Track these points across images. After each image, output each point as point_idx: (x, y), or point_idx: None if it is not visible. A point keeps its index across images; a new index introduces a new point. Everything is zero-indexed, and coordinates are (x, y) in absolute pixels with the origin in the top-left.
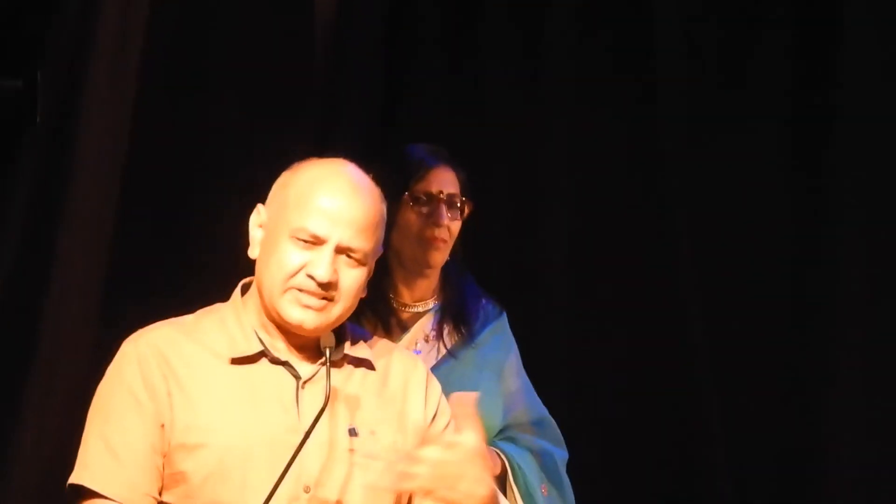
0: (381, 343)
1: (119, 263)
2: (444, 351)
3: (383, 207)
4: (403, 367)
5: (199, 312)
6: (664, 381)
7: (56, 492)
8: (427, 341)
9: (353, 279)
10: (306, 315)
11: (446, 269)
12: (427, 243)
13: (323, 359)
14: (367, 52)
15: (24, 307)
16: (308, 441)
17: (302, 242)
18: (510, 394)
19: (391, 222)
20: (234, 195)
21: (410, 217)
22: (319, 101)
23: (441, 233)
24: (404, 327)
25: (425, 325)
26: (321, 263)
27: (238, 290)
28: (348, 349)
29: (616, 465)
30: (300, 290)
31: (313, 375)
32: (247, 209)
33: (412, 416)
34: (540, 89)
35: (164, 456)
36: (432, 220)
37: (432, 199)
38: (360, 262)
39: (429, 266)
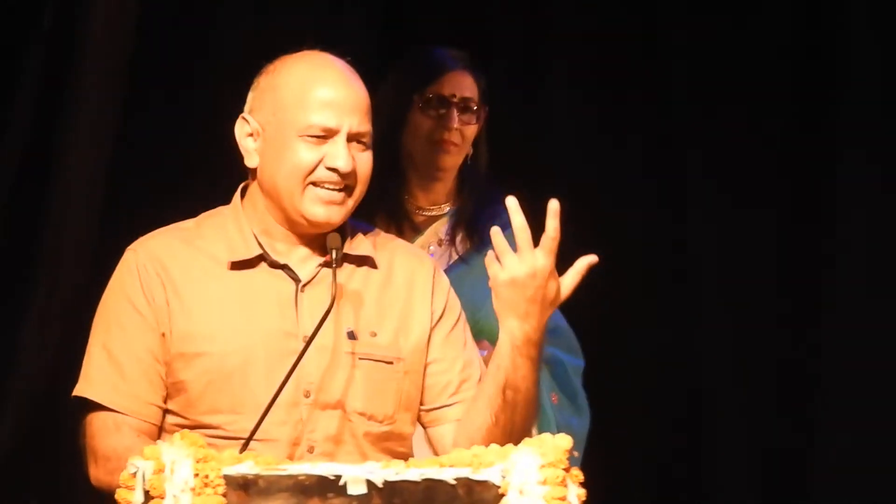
0: (384, 238)
1: (121, 165)
2: (455, 256)
3: None
4: (408, 262)
5: (201, 217)
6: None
7: (60, 402)
8: (440, 245)
9: (366, 163)
10: (330, 210)
11: (462, 174)
12: (437, 146)
13: (323, 260)
14: None
15: (26, 211)
16: (302, 346)
17: (313, 139)
18: None
19: (403, 124)
20: (235, 94)
21: (421, 120)
22: None
23: (452, 136)
24: (418, 230)
25: (439, 229)
26: (340, 154)
27: (237, 193)
28: (349, 248)
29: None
30: (319, 186)
31: (313, 278)
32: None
33: (417, 315)
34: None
35: (166, 365)
36: (443, 123)
37: (444, 102)
38: (368, 146)
39: (439, 169)
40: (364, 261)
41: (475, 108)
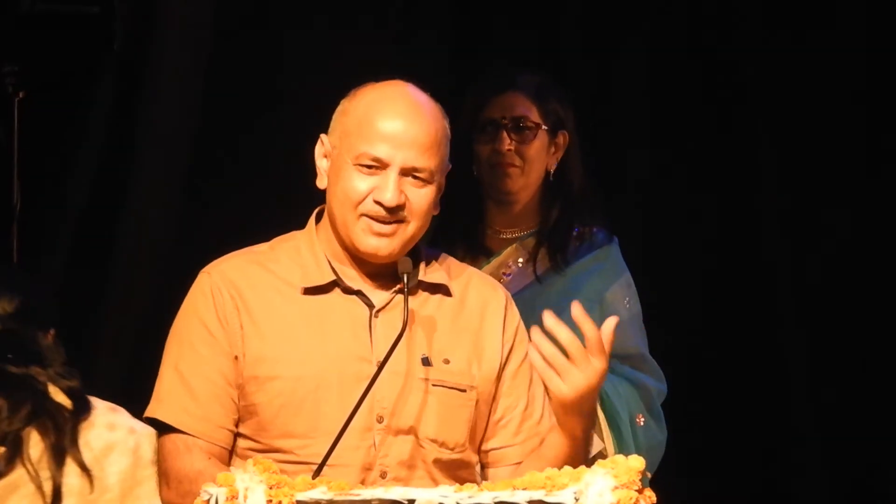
0: (458, 266)
1: (196, 187)
2: (533, 277)
3: (446, 122)
4: (481, 292)
5: (275, 241)
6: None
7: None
8: (519, 266)
9: (421, 198)
10: (380, 242)
11: (546, 195)
12: (496, 170)
13: (397, 286)
14: None
15: (100, 229)
16: (382, 372)
17: (366, 168)
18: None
19: (472, 151)
20: (306, 116)
21: (479, 146)
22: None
23: (508, 158)
24: (494, 253)
25: (517, 250)
26: (387, 187)
27: (312, 218)
28: (423, 275)
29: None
30: (370, 217)
31: (387, 304)
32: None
33: (487, 346)
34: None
35: (238, 388)
36: (495, 146)
37: (494, 125)
38: (427, 181)
39: (503, 192)
40: (438, 288)
41: (530, 126)
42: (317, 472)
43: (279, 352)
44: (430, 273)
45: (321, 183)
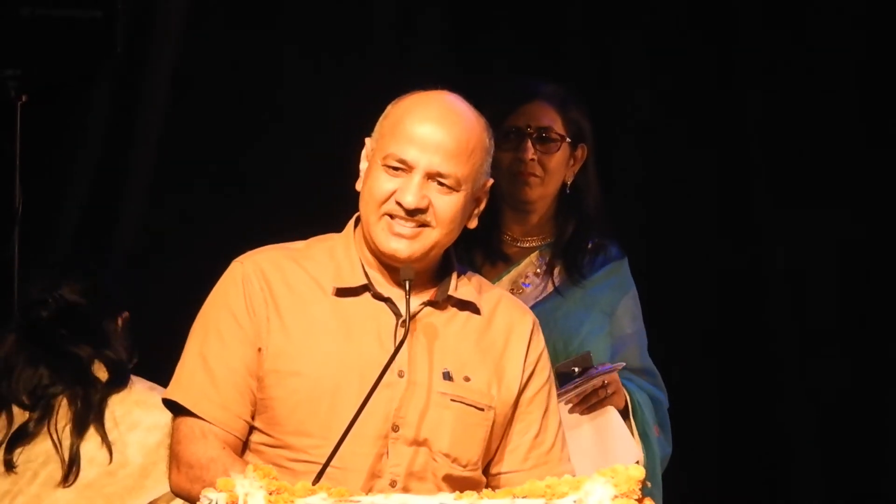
0: (489, 287)
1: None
2: (551, 288)
3: (485, 135)
4: (510, 314)
5: (312, 240)
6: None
7: None
8: (537, 277)
9: (447, 205)
10: (399, 244)
11: (562, 207)
12: (517, 178)
13: (426, 298)
14: None
15: (100, 232)
16: (402, 381)
17: (392, 169)
18: (622, 336)
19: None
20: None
21: (501, 153)
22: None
23: (530, 167)
24: (512, 262)
25: (535, 260)
26: (408, 189)
27: (352, 221)
28: (453, 290)
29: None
30: (392, 217)
31: (415, 315)
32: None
33: (509, 369)
34: None
35: (258, 380)
36: (518, 155)
37: (519, 134)
38: (454, 189)
39: (522, 201)
40: (467, 305)
41: (555, 137)
42: (318, 476)
43: (302, 349)
44: (461, 289)
45: (359, 183)
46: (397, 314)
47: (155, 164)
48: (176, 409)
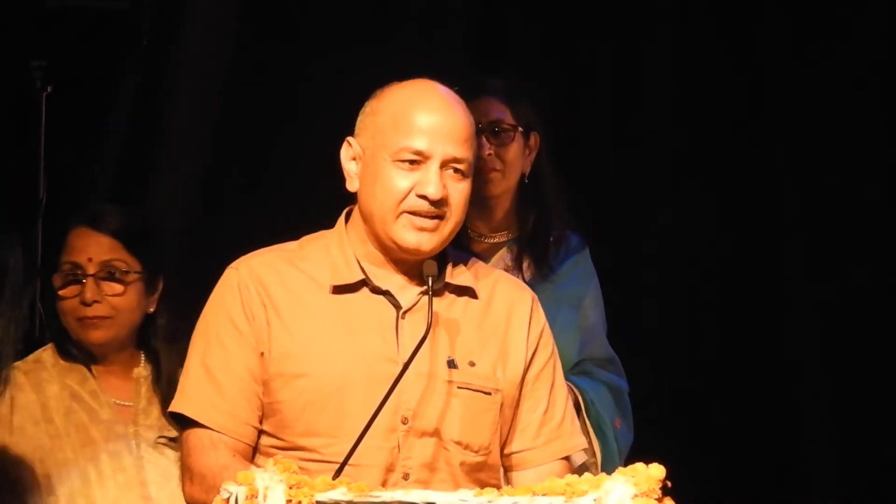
0: (485, 268)
1: (219, 184)
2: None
3: (472, 119)
4: (508, 294)
5: (304, 239)
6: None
7: None
8: (507, 272)
9: (460, 192)
10: (422, 237)
11: (523, 198)
12: (478, 176)
13: (424, 288)
14: None
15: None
16: (407, 372)
17: (406, 164)
18: (588, 327)
19: None
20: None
21: None
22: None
23: (490, 163)
24: (482, 258)
25: (504, 256)
26: (431, 181)
27: (342, 217)
28: (450, 277)
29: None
30: (413, 213)
31: (414, 305)
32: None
33: (513, 349)
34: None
35: (263, 384)
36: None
37: None
38: (465, 175)
39: (486, 198)
40: (465, 291)
41: (507, 128)
42: (337, 472)
43: (306, 349)
44: (457, 275)
45: (351, 186)
46: (397, 306)
47: (184, 158)
48: (183, 421)
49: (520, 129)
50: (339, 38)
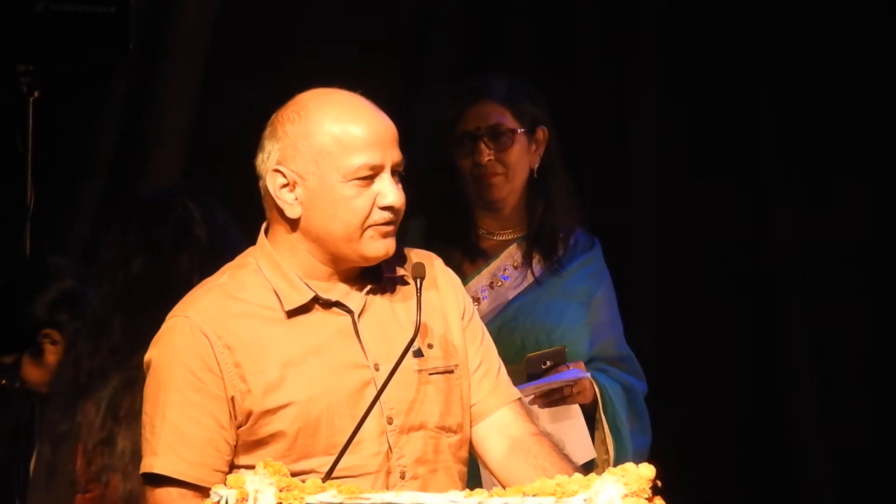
0: (400, 251)
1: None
2: (531, 279)
3: None
4: (426, 266)
5: (227, 269)
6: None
7: None
8: (515, 269)
9: (403, 194)
10: (388, 243)
11: (532, 193)
12: (480, 182)
13: (368, 288)
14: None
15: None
16: (380, 374)
17: (362, 181)
18: (599, 325)
19: (451, 166)
20: None
21: (461, 161)
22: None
23: (491, 168)
24: (490, 255)
25: (513, 252)
26: (389, 190)
27: (263, 238)
28: (386, 271)
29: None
30: (376, 226)
31: (364, 306)
32: None
33: (449, 316)
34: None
35: (240, 427)
36: (475, 158)
37: (471, 137)
38: (402, 175)
39: (489, 202)
40: (399, 279)
41: (506, 131)
42: (326, 477)
43: (284, 379)
44: (390, 266)
45: (293, 213)
46: (349, 311)
47: (172, 162)
48: (155, 479)
49: (520, 130)
50: (332, 39)
